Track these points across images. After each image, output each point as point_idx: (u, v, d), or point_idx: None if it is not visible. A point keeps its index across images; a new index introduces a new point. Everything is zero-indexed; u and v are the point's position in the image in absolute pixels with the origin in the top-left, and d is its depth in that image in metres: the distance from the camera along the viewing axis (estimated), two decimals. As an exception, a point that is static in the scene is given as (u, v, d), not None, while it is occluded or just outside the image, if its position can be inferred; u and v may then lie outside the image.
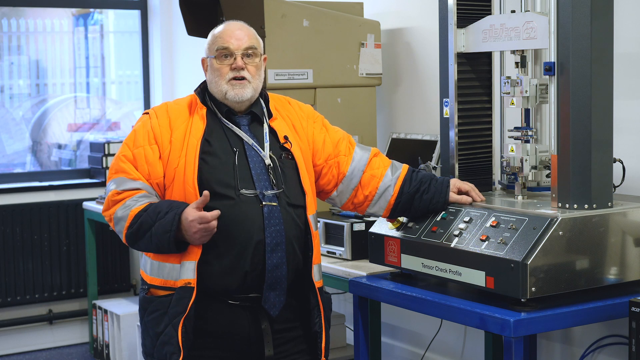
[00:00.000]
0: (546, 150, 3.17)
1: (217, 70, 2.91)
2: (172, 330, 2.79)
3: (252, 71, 2.92)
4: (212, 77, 2.93)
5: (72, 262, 6.11)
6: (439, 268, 3.02)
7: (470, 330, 4.30)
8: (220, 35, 2.93)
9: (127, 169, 2.90)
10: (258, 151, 2.91)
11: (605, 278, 2.90)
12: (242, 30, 2.94)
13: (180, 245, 2.80)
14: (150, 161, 2.88)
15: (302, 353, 2.98)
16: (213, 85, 2.94)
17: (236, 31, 2.93)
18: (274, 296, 2.86)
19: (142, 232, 2.81)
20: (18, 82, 6.61)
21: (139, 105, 6.76)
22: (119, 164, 2.93)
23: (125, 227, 2.84)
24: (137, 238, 2.83)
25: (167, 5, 6.49)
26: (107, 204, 2.91)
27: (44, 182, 6.21)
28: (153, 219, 2.79)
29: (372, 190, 3.09)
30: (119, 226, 2.87)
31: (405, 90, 4.66)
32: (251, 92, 2.92)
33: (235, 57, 2.90)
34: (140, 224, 2.81)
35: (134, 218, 2.82)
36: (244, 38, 2.92)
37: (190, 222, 2.74)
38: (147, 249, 2.87)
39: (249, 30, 2.96)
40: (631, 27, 3.46)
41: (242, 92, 2.90)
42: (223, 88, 2.91)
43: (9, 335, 5.98)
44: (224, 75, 2.90)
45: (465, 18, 3.35)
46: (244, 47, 2.91)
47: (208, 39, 2.97)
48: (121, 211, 2.85)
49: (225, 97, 2.91)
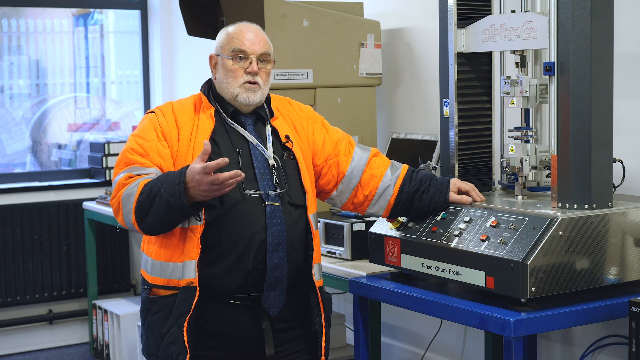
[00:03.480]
0: (546, 150, 3.17)
1: (232, 72, 2.90)
2: (178, 330, 2.79)
3: (263, 77, 2.92)
4: (224, 77, 2.92)
5: (72, 262, 6.11)
6: (439, 268, 3.03)
7: (470, 330, 4.30)
8: (237, 36, 2.91)
9: (138, 160, 2.85)
10: (262, 151, 2.91)
11: (605, 278, 2.90)
12: (259, 35, 2.93)
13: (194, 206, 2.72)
14: (162, 155, 2.85)
15: (302, 352, 2.98)
16: (224, 85, 2.93)
17: (253, 35, 2.92)
18: (274, 296, 2.86)
19: (151, 196, 2.72)
20: (18, 82, 6.61)
21: (139, 105, 6.76)
22: (128, 156, 2.87)
23: (134, 200, 2.75)
24: (146, 206, 2.73)
25: (167, 5, 6.49)
26: (116, 190, 2.82)
27: (44, 182, 6.21)
28: (162, 181, 2.72)
29: (371, 190, 3.09)
30: (127, 206, 2.78)
31: (405, 90, 4.66)
32: (260, 98, 2.93)
33: (251, 61, 2.89)
34: (149, 189, 2.73)
35: (143, 187, 2.75)
36: (260, 43, 2.91)
37: (197, 174, 2.65)
38: (157, 217, 2.74)
39: (264, 35, 2.96)
40: (631, 27, 3.46)
41: (254, 96, 2.91)
42: (235, 90, 2.90)
43: (9, 335, 5.99)
44: (237, 78, 2.90)
45: (465, 18, 3.35)
46: (259, 52, 2.91)
47: (221, 37, 2.95)
48: (129, 189, 2.77)
49: (236, 99, 2.91)
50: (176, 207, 2.70)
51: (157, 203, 2.72)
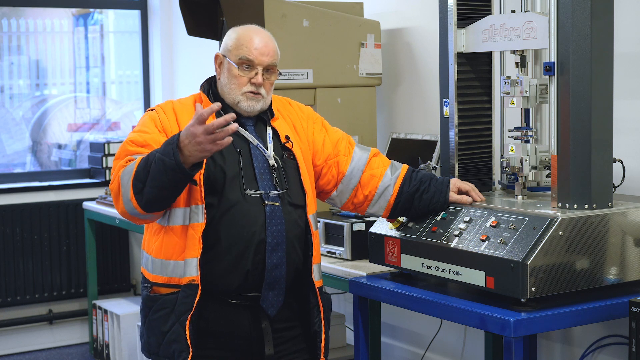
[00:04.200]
0: (546, 150, 3.17)
1: (236, 79, 2.89)
2: (180, 328, 2.79)
3: (267, 88, 2.92)
4: (228, 83, 2.91)
5: (72, 262, 6.11)
6: (439, 268, 3.02)
7: (470, 330, 4.30)
8: (247, 44, 2.88)
9: (138, 150, 2.82)
10: (263, 151, 2.91)
11: (605, 278, 2.90)
12: (269, 45, 2.90)
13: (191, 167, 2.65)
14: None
15: (301, 352, 2.98)
16: (226, 89, 2.92)
17: (263, 45, 2.89)
18: (273, 296, 2.86)
19: (148, 163, 2.67)
20: (18, 82, 6.61)
21: (139, 105, 6.76)
22: (127, 148, 2.85)
23: (132, 171, 2.70)
24: (143, 175, 2.67)
25: (167, 5, 6.49)
26: (116, 173, 2.79)
27: (44, 182, 6.22)
28: (156, 150, 2.69)
29: (371, 190, 3.09)
30: (125, 183, 2.73)
31: (405, 90, 4.66)
32: (261, 106, 2.92)
33: (257, 72, 2.88)
34: (147, 158, 2.69)
35: (141, 161, 2.71)
36: (269, 54, 2.89)
37: (191, 126, 2.60)
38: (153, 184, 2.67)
39: (274, 44, 2.93)
40: (631, 27, 3.46)
41: (255, 105, 2.90)
42: (237, 98, 2.89)
43: (9, 335, 5.99)
44: (241, 86, 2.89)
45: (465, 18, 3.35)
46: (267, 63, 2.89)
47: (231, 39, 2.92)
48: (129, 167, 2.73)
49: (237, 105, 2.90)
50: (170, 166, 2.63)
51: (153, 168, 2.66)
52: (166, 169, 2.64)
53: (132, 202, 2.74)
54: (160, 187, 2.68)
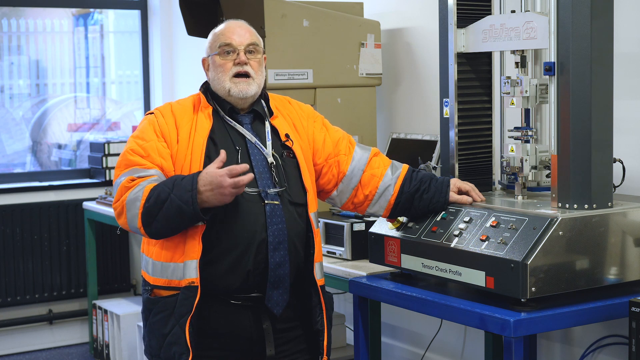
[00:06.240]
0: (546, 150, 3.17)
1: (220, 67, 2.92)
2: (180, 330, 2.79)
3: (254, 67, 2.93)
4: (215, 75, 2.94)
5: (72, 262, 6.11)
6: (439, 268, 3.02)
7: (470, 330, 4.30)
8: (222, 32, 2.95)
9: (139, 161, 2.84)
10: (261, 149, 2.91)
11: (605, 278, 2.90)
12: (243, 27, 2.97)
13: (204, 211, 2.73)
14: (163, 155, 2.85)
15: (302, 352, 2.98)
16: (216, 82, 2.94)
17: (237, 28, 2.95)
18: (277, 295, 2.86)
19: (159, 202, 2.72)
20: (18, 82, 6.61)
21: (139, 105, 6.76)
22: (128, 157, 2.86)
23: (140, 205, 2.74)
24: (154, 211, 2.73)
25: (167, 5, 6.49)
26: (119, 193, 2.82)
27: (44, 182, 6.21)
28: (170, 187, 2.73)
29: (372, 189, 3.09)
30: (132, 210, 2.77)
31: (405, 90, 4.66)
32: (255, 89, 2.93)
33: (238, 52, 2.91)
34: (157, 195, 2.73)
35: (150, 192, 2.74)
36: (245, 35, 2.94)
37: (221, 176, 2.68)
38: (165, 222, 2.74)
39: (250, 27, 2.99)
40: (631, 27, 3.46)
41: (247, 88, 2.91)
42: (226, 85, 2.91)
43: (9, 335, 5.99)
44: (227, 71, 2.91)
45: (465, 18, 3.35)
46: (246, 43, 2.93)
47: (209, 38, 2.99)
48: (134, 194, 2.77)
49: (229, 94, 2.91)
50: (188, 213, 2.71)
51: (167, 209, 2.72)
52: (183, 215, 2.72)
53: (139, 230, 2.80)
54: (174, 228, 2.77)
